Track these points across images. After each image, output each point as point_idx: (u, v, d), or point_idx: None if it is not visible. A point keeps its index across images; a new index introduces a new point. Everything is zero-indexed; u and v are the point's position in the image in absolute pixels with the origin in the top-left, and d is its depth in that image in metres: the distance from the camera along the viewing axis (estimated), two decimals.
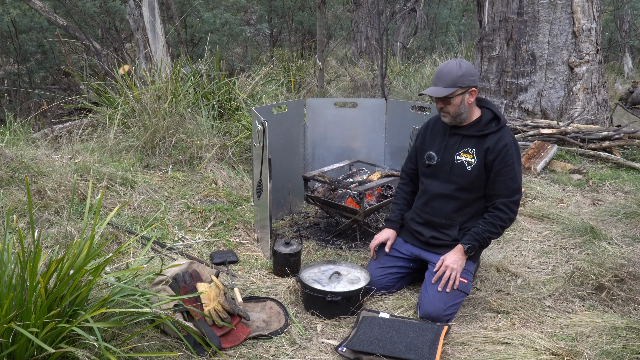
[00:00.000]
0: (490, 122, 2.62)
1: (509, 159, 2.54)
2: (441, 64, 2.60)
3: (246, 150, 4.68)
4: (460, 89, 2.53)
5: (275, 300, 2.66)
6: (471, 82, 2.55)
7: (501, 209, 2.56)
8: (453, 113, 2.59)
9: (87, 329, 1.91)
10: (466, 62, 2.59)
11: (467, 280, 2.61)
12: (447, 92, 2.52)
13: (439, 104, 2.60)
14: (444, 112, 2.62)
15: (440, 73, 2.56)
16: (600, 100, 6.07)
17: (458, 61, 2.57)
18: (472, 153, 2.61)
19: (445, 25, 14.03)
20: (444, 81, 2.54)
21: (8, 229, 2.24)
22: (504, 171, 2.54)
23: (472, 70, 2.56)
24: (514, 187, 2.56)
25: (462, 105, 2.57)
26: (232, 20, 9.92)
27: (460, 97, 2.55)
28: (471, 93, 2.57)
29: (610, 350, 2.23)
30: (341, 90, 8.74)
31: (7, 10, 9.21)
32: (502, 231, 2.61)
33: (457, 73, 2.52)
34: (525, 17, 5.88)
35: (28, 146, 4.34)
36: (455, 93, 2.53)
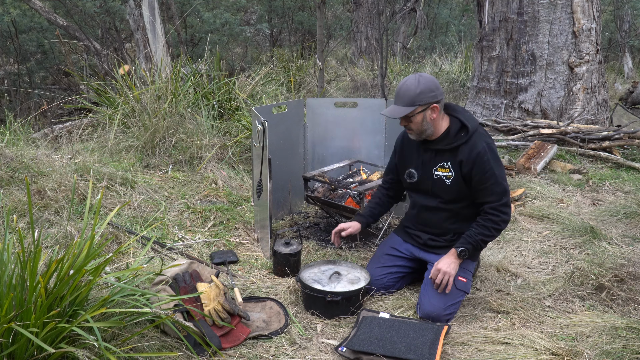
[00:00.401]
0: (459, 133, 2.56)
1: (486, 166, 2.49)
2: (401, 81, 2.54)
3: (246, 150, 4.68)
4: (419, 107, 2.48)
5: (275, 300, 2.66)
6: (431, 98, 2.48)
7: (492, 213, 2.53)
8: (417, 130, 2.56)
9: (87, 329, 1.91)
10: (426, 77, 2.52)
11: (466, 279, 2.61)
12: (406, 112, 2.48)
13: (402, 122, 2.57)
14: (408, 129, 2.60)
15: (399, 91, 2.51)
16: (600, 100, 6.07)
17: (417, 77, 2.50)
18: (448, 167, 2.58)
19: (445, 25, 14.03)
20: (402, 100, 2.50)
21: (8, 229, 2.24)
22: (484, 179, 2.50)
23: (432, 86, 2.50)
24: (499, 190, 2.51)
25: (425, 122, 2.52)
26: (232, 20, 9.92)
27: (420, 114, 2.50)
28: (433, 109, 2.51)
29: (610, 350, 2.23)
30: (341, 90, 8.74)
31: (7, 10, 9.21)
32: (497, 233, 2.57)
33: (414, 91, 2.47)
34: (525, 17, 5.88)
35: (28, 146, 4.34)
36: (415, 112, 2.49)
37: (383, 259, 2.82)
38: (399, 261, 2.81)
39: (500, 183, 2.51)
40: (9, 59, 9.48)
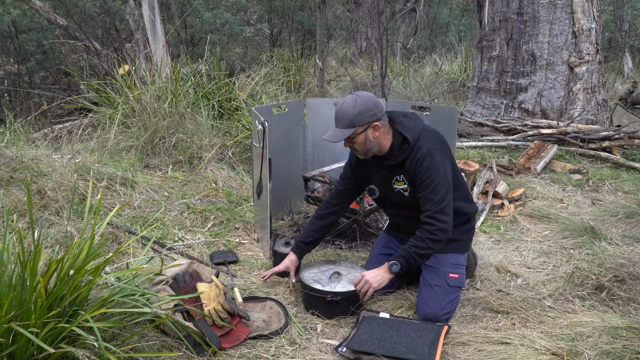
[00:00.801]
0: (402, 146, 2.52)
1: (424, 174, 2.45)
2: (339, 103, 2.50)
3: (246, 150, 4.68)
4: (359, 128, 2.45)
5: (275, 300, 2.66)
6: (370, 117, 2.45)
7: (427, 222, 2.46)
8: (362, 151, 2.54)
9: (87, 329, 1.91)
10: (364, 96, 2.47)
11: (457, 274, 2.60)
12: (346, 134, 2.45)
13: (346, 144, 2.54)
14: (354, 150, 2.58)
15: (338, 114, 2.48)
16: (600, 100, 6.07)
17: (354, 98, 2.46)
18: (402, 179, 2.57)
19: (445, 25, 14.03)
20: (341, 123, 2.47)
21: (8, 229, 2.24)
22: (423, 186, 2.47)
23: (370, 104, 2.45)
24: (436, 199, 2.43)
25: (368, 141, 2.49)
26: (232, 20, 9.92)
27: (362, 135, 2.47)
28: (374, 128, 2.47)
29: (610, 350, 2.23)
30: (341, 90, 8.74)
31: (7, 10, 9.21)
32: (434, 244, 2.45)
33: (352, 112, 2.43)
34: (525, 17, 5.88)
35: (28, 146, 4.34)
36: (355, 133, 2.46)
37: (378, 259, 2.82)
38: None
39: (438, 191, 2.44)
40: (9, 59, 9.48)
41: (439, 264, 2.63)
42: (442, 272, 2.60)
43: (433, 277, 2.60)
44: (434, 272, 2.61)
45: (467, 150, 5.15)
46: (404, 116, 2.59)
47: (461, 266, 2.65)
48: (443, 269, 2.61)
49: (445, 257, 2.64)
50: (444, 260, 2.63)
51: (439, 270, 2.60)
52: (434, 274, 2.61)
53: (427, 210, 2.46)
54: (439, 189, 2.44)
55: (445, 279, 2.58)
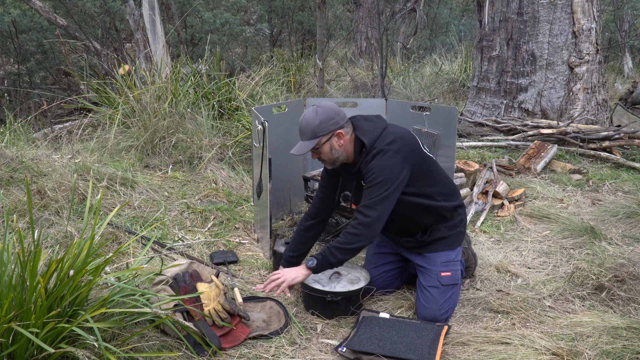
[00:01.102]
0: (361, 151, 2.51)
1: (369, 171, 2.42)
2: (301, 116, 2.51)
3: (246, 150, 4.68)
4: (323, 137, 2.46)
5: (275, 300, 2.67)
6: (332, 125, 2.46)
7: (354, 216, 2.45)
8: (329, 160, 2.54)
9: (87, 329, 1.91)
10: (324, 106, 2.48)
11: (450, 272, 2.57)
12: (311, 146, 2.46)
13: (313, 155, 2.56)
14: (321, 161, 2.58)
15: (300, 127, 2.50)
16: (600, 100, 6.07)
17: (315, 109, 2.48)
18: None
19: (445, 25, 14.03)
20: (305, 135, 2.49)
21: (8, 229, 2.24)
22: (366, 182, 2.45)
23: (331, 113, 2.46)
24: (372, 195, 2.39)
25: (334, 150, 2.50)
26: (232, 20, 9.92)
27: (327, 144, 2.48)
28: (338, 135, 2.48)
29: (610, 350, 2.23)
30: (341, 90, 8.75)
31: (7, 10, 9.21)
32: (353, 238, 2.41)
33: (314, 123, 2.45)
34: (525, 17, 5.88)
35: (28, 146, 4.34)
36: (320, 143, 2.47)
37: (375, 259, 2.82)
38: (390, 257, 2.80)
39: (376, 189, 2.39)
40: (9, 59, 9.48)
41: (430, 264, 2.60)
42: (434, 273, 2.57)
43: (426, 278, 2.59)
44: (426, 273, 2.60)
45: (467, 150, 5.15)
46: (365, 120, 2.56)
47: (453, 262, 2.61)
48: (434, 269, 2.58)
49: (436, 256, 2.60)
50: (435, 260, 2.60)
51: (431, 271, 2.58)
52: (426, 275, 2.59)
53: (360, 204, 2.44)
54: (378, 186, 2.39)
55: (438, 279, 2.55)
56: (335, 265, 2.49)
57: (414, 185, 2.48)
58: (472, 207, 3.89)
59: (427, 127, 3.51)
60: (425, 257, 2.62)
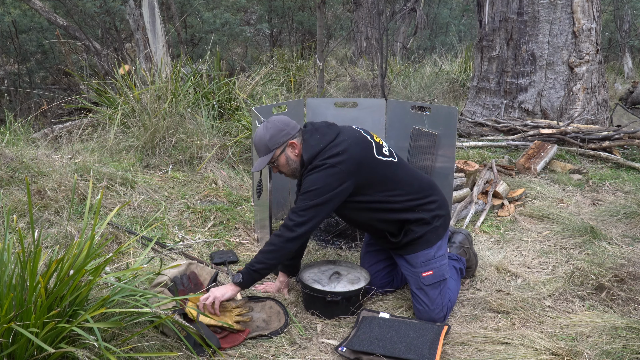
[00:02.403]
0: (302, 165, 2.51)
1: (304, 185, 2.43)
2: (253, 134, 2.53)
3: (246, 150, 4.68)
4: (277, 150, 2.48)
5: (275, 300, 2.67)
6: (283, 137, 2.47)
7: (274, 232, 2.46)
8: (289, 172, 2.55)
9: (87, 329, 1.92)
10: (273, 120, 2.51)
11: (432, 270, 2.53)
12: (266, 161, 2.48)
13: (274, 170, 2.58)
14: (282, 174, 2.59)
15: (255, 144, 2.51)
16: (600, 100, 6.07)
17: (265, 125, 2.50)
18: None
19: (445, 25, 14.03)
20: (260, 151, 2.50)
21: (8, 229, 2.24)
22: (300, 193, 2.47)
23: (281, 125, 2.48)
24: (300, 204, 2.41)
25: (290, 161, 2.51)
26: (232, 20, 9.92)
27: (282, 156, 2.49)
28: (292, 146, 2.49)
29: (610, 350, 2.23)
30: (341, 90, 8.75)
31: (7, 10, 9.21)
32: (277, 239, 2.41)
33: (265, 138, 2.47)
34: (525, 17, 5.88)
35: (28, 146, 4.34)
36: (275, 156, 2.49)
37: (367, 258, 2.82)
38: (381, 255, 2.79)
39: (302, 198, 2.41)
40: (9, 59, 9.48)
41: (411, 266, 2.57)
42: (415, 274, 2.55)
43: (411, 282, 2.58)
44: (410, 277, 2.58)
45: (467, 150, 5.16)
46: (314, 131, 2.52)
47: (434, 259, 2.54)
48: (415, 270, 2.55)
49: (415, 257, 2.55)
50: (415, 261, 2.55)
51: (413, 273, 2.56)
52: (410, 277, 2.57)
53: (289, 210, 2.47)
54: (309, 194, 2.39)
55: (420, 280, 2.53)
56: (262, 271, 2.44)
57: (366, 194, 2.49)
58: (472, 207, 3.89)
59: (427, 127, 3.51)
60: (405, 259, 2.60)
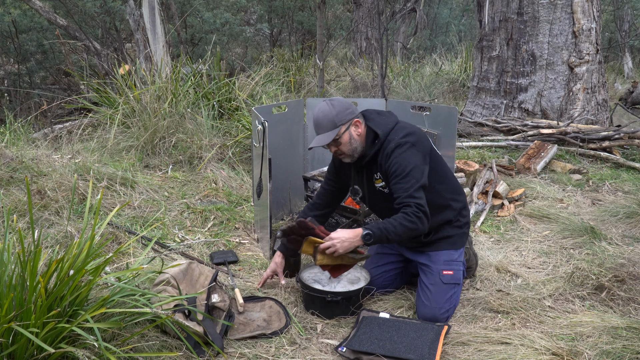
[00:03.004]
0: (373, 142, 2.54)
1: (394, 164, 2.44)
2: (315, 110, 2.53)
3: (246, 150, 4.68)
4: (343, 126, 2.48)
5: (275, 300, 2.67)
6: (349, 114, 2.49)
7: (404, 208, 2.43)
8: (348, 151, 2.54)
9: (87, 329, 1.91)
10: (337, 99, 2.54)
11: (452, 271, 2.58)
12: (332, 136, 2.47)
13: (332, 148, 2.55)
14: (340, 154, 2.57)
15: (317, 120, 2.50)
16: (600, 100, 6.07)
17: (329, 102, 2.51)
18: (379, 177, 2.57)
19: (445, 25, 14.03)
20: (324, 127, 2.49)
21: (8, 229, 2.24)
22: (393, 176, 2.46)
23: (346, 104, 2.51)
24: (406, 186, 2.41)
25: (352, 140, 2.52)
26: (232, 20, 9.92)
27: (346, 133, 2.50)
28: (356, 124, 2.52)
29: (610, 350, 2.23)
30: (341, 90, 8.74)
31: (7, 10, 9.20)
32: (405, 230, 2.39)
33: (332, 113, 2.47)
34: (525, 17, 5.88)
35: (28, 146, 4.34)
36: (340, 133, 2.49)
37: (376, 258, 2.82)
38: (391, 258, 2.80)
39: (408, 180, 2.42)
40: (9, 59, 9.48)
41: (432, 262, 2.61)
42: (436, 270, 2.58)
43: (427, 276, 2.59)
44: (428, 271, 2.60)
45: (467, 150, 5.15)
46: (377, 114, 2.61)
47: (456, 262, 2.62)
48: (437, 267, 2.59)
49: (438, 254, 2.62)
50: (437, 258, 2.61)
51: (433, 269, 2.59)
52: (428, 273, 2.60)
53: (398, 197, 2.43)
54: (409, 177, 2.42)
55: (439, 277, 2.56)
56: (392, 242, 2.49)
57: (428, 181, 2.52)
58: (472, 207, 3.89)
59: (427, 127, 3.51)
60: (427, 255, 2.63)
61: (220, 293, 2.52)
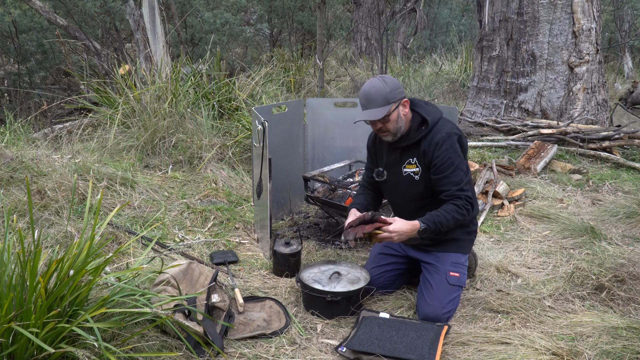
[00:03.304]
0: (420, 127, 2.56)
1: (445, 155, 2.48)
2: (365, 86, 2.52)
3: (246, 150, 4.68)
4: (394, 104, 2.49)
5: (275, 300, 2.67)
6: (400, 94, 2.51)
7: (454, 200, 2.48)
8: (393, 129, 2.55)
9: (87, 329, 1.92)
10: (389, 77, 2.55)
11: (458, 273, 2.60)
12: (384, 112, 2.47)
13: (377, 125, 2.55)
14: (383, 132, 2.57)
15: (369, 95, 2.50)
16: (600, 100, 6.07)
17: (381, 78, 2.52)
18: (414, 162, 2.58)
19: (445, 25, 14.03)
20: (375, 102, 2.49)
21: (8, 229, 2.24)
22: (443, 167, 2.48)
23: (397, 83, 2.53)
24: (456, 179, 2.48)
25: (399, 118, 2.53)
26: (232, 20, 9.92)
27: (395, 112, 2.50)
28: (404, 104, 2.53)
29: (610, 350, 2.23)
30: (341, 90, 8.74)
31: (7, 10, 9.20)
32: (455, 223, 2.48)
33: (385, 90, 2.48)
34: (525, 17, 5.88)
35: (28, 146, 4.35)
36: (391, 110, 2.49)
37: (378, 259, 2.82)
38: (393, 259, 2.80)
39: (457, 173, 2.48)
40: (9, 59, 9.48)
41: (439, 262, 2.62)
42: (442, 271, 2.60)
43: (433, 275, 2.60)
44: (434, 270, 2.61)
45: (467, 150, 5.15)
46: (424, 103, 2.66)
47: (462, 266, 2.65)
48: (444, 267, 2.60)
49: (447, 255, 2.63)
50: (445, 259, 2.63)
51: (439, 269, 2.60)
52: (434, 272, 2.61)
53: (448, 190, 2.48)
54: (458, 170, 2.49)
55: (446, 277, 2.58)
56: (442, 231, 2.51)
57: None
58: None
59: None
60: (434, 255, 2.64)
61: (220, 293, 2.52)
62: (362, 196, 2.83)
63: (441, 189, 2.51)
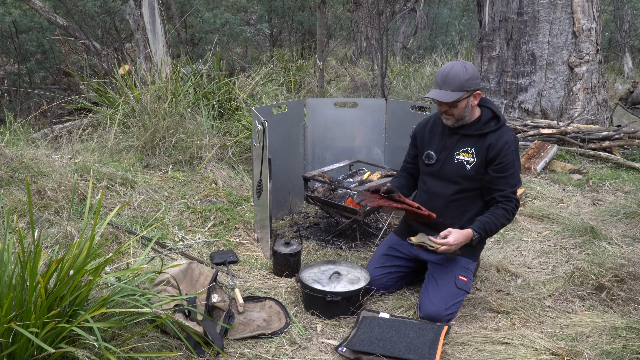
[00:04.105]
0: (490, 121, 2.61)
1: (510, 156, 2.54)
2: (445, 66, 2.53)
3: (246, 150, 4.68)
4: (466, 93, 2.50)
5: (275, 300, 2.67)
6: (476, 85, 2.53)
7: (504, 202, 2.55)
8: (457, 116, 2.57)
9: (87, 329, 1.92)
10: (470, 64, 2.55)
11: (467, 278, 2.61)
12: (456, 97, 2.48)
13: (443, 107, 2.55)
14: (447, 115, 2.58)
15: (447, 77, 2.50)
16: (600, 100, 6.07)
17: (463, 64, 2.52)
18: (471, 152, 2.59)
19: (445, 25, 14.02)
20: (450, 85, 2.49)
21: (8, 229, 2.24)
22: (504, 167, 2.54)
23: (477, 73, 2.56)
24: (513, 182, 2.57)
25: (467, 108, 2.55)
26: (232, 20, 9.91)
27: (465, 100, 2.52)
28: (475, 96, 2.56)
29: (610, 350, 2.23)
30: (341, 90, 8.74)
31: (8, 10, 9.20)
32: (507, 222, 2.58)
33: (464, 77, 2.48)
34: (525, 17, 5.88)
35: (28, 146, 4.34)
36: (462, 97, 2.50)
37: (382, 259, 2.82)
38: (397, 261, 2.80)
39: (516, 176, 2.58)
40: (9, 59, 9.47)
41: (450, 264, 2.63)
42: (452, 273, 2.61)
43: (442, 276, 2.60)
44: (443, 271, 2.62)
45: None
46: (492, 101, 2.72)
47: (470, 272, 2.66)
48: (454, 269, 2.62)
49: (458, 258, 2.65)
50: (456, 262, 2.64)
51: (450, 270, 2.61)
52: (443, 273, 2.61)
53: (504, 190, 2.55)
54: (516, 175, 2.58)
55: (455, 279, 2.59)
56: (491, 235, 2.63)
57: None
58: None
59: None
60: (446, 257, 2.65)
61: (220, 293, 2.52)
62: (397, 179, 2.91)
63: (497, 187, 2.56)
